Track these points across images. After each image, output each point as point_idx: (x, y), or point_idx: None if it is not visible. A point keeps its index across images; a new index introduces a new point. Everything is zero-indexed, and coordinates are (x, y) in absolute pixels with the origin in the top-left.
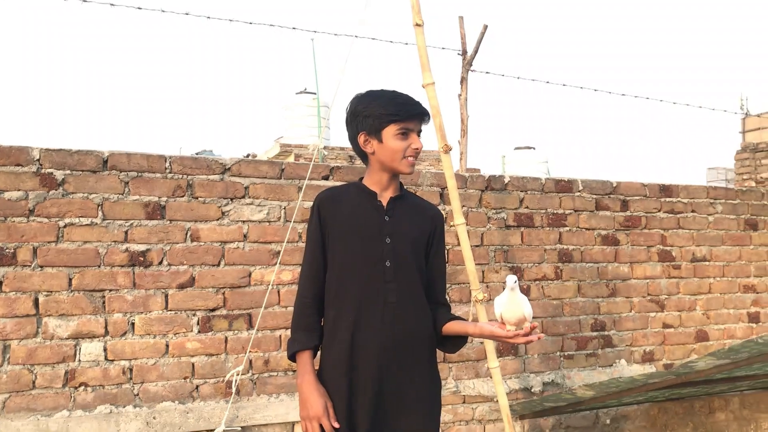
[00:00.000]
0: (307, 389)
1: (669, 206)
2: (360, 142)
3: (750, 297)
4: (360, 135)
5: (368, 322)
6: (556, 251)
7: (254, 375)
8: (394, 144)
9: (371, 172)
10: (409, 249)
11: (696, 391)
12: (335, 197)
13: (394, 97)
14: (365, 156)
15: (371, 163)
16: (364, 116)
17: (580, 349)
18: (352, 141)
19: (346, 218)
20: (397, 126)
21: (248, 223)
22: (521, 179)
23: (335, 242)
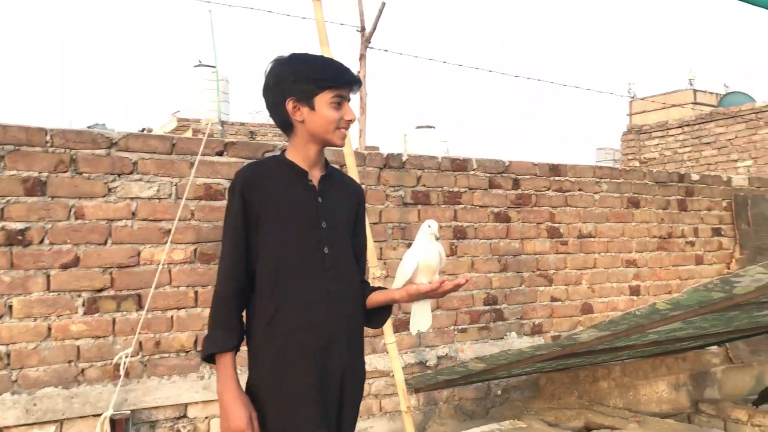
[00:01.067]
0: (229, 398)
1: (558, 185)
2: (288, 110)
3: (631, 271)
4: (288, 101)
5: (312, 315)
6: (452, 228)
7: (144, 357)
8: (329, 113)
9: (297, 145)
10: (344, 232)
11: (581, 361)
12: (261, 176)
13: (327, 62)
14: (289, 126)
15: (298, 135)
16: (293, 80)
17: (473, 322)
18: (275, 108)
19: (277, 201)
20: (332, 93)
21: (137, 200)
22: (419, 158)
23: (267, 229)
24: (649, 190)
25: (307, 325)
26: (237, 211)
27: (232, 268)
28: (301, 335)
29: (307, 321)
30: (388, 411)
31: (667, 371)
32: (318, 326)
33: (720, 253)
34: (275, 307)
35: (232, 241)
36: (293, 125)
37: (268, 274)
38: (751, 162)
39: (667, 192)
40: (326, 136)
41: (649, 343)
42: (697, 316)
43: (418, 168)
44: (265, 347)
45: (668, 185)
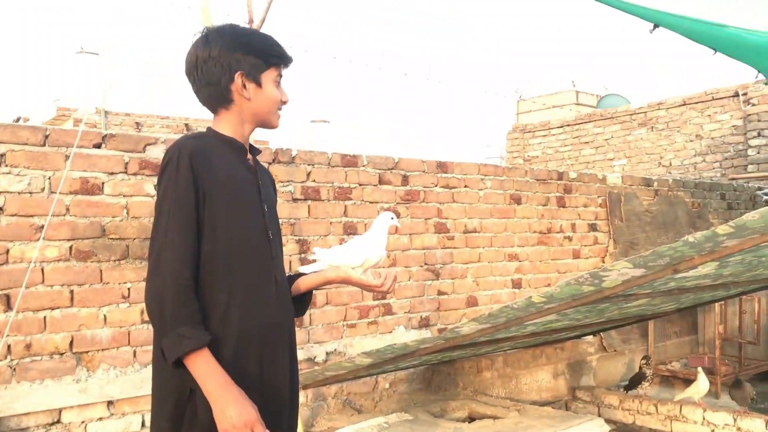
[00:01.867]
0: (230, 393)
1: (445, 181)
2: (234, 85)
3: (514, 265)
4: (237, 75)
5: (264, 306)
6: (342, 224)
7: (13, 361)
8: (273, 92)
9: (232, 123)
10: (277, 219)
11: (465, 353)
12: (205, 150)
13: (272, 38)
14: (225, 102)
15: (234, 112)
16: (244, 53)
17: (362, 317)
18: (214, 81)
19: (224, 179)
20: (277, 71)
21: (5, 194)
22: (309, 153)
23: (215, 209)
24: (531, 187)
25: (262, 318)
26: (186, 186)
27: (185, 251)
28: (259, 329)
29: (263, 313)
30: None
31: (546, 361)
32: (273, 317)
33: (595, 248)
34: (227, 298)
35: (184, 219)
36: (230, 101)
37: (218, 261)
38: (626, 161)
39: (547, 189)
40: (268, 117)
41: (528, 334)
42: (570, 309)
43: (308, 163)
44: (219, 342)
45: (548, 182)
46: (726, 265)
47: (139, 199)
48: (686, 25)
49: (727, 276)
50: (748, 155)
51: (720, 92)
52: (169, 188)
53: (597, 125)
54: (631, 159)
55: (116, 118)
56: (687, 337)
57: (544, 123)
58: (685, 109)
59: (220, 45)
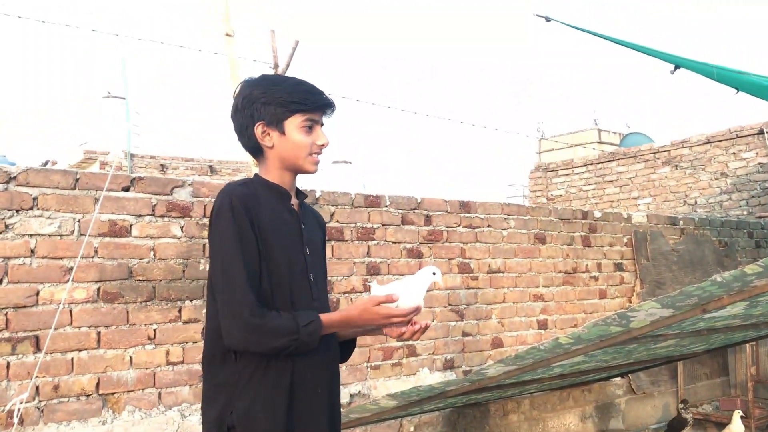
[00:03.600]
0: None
1: (468, 221)
2: (256, 134)
3: (539, 305)
4: (258, 125)
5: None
6: (365, 264)
7: (41, 402)
8: (299, 138)
9: (270, 170)
10: (322, 261)
11: (491, 396)
12: (251, 195)
13: (299, 84)
14: (259, 151)
15: (268, 160)
16: (263, 103)
17: (386, 359)
18: (243, 133)
19: (268, 223)
20: (303, 117)
21: (36, 236)
22: (332, 194)
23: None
24: (555, 226)
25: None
26: (245, 227)
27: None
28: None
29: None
30: None
31: (573, 403)
32: (319, 361)
33: (622, 288)
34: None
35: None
36: (260, 150)
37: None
38: (651, 199)
39: (572, 228)
40: (297, 162)
41: (555, 376)
42: (598, 350)
43: (331, 204)
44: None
45: (573, 222)
46: (756, 304)
47: (166, 240)
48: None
49: (758, 316)
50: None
51: (744, 130)
52: (228, 230)
53: (620, 164)
54: (656, 198)
55: (142, 161)
56: (718, 378)
57: (567, 162)
58: (709, 147)
59: (244, 97)
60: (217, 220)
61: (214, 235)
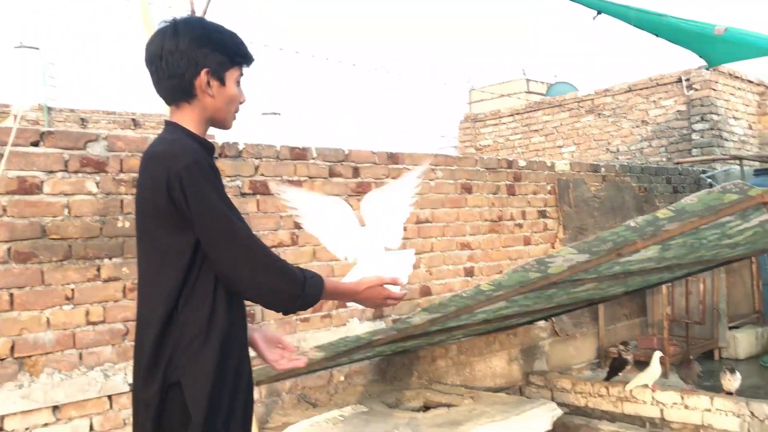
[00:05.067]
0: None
1: (396, 173)
2: (198, 80)
3: (466, 253)
4: (203, 71)
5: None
6: (291, 218)
7: None
8: (234, 92)
9: (193, 122)
10: None
11: (419, 343)
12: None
13: (235, 35)
14: (188, 99)
15: (196, 111)
16: (212, 50)
17: (315, 311)
18: (178, 75)
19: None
20: (239, 70)
21: None
22: (256, 146)
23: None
24: (481, 176)
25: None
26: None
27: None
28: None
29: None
30: None
31: (500, 347)
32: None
33: (545, 234)
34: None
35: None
36: (192, 97)
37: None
38: (575, 147)
39: (497, 177)
40: (226, 117)
41: (480, 322)
42: (519, 295)
43: (255, 157)
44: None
45: (498, 171)
46: (668, 248)
47: (81, 197)
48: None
49: (670, 258)
50: (692, 139)
51: (664, 78)
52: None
53: (546, 113)
54: (580, 146)
55: (60, 114)
56: (637, 319)
57: (494, 112)
58: (631, 95)
59: (189, 38)
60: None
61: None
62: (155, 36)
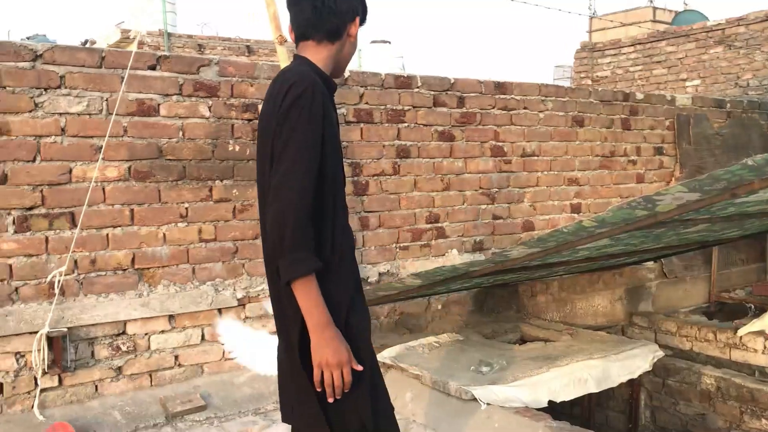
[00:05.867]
0: (329, 331)
1: (503, 103)
2: (352, 27)
3: (573, 189)
4: (357, 18)
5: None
6: (395, 147)
7: (80, 275)
8: (356, 43)
9: (325, 61)
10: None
11: (518, 277)
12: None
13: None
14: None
15: (332, 53)
16: (360, 1)
17: (414, 240)
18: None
19: (334, 122)
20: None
21: (66, 115)
22: (361, 74)
23: (326, 149)
24: (594, 108)
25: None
26: (318, 125)
27: (309, 184)
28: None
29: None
30: None
31: (603, 286)
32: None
33: (661, 172)
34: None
35: (313, 155)
36: (338, 38)
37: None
38: (699, 81)
39: (612, 111)
40: (346, 65)
41: (582, 259)
42: (623, 233)
43: (360, 85)
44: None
45: (613, 104)
46: None
47: (194, 120)
48: None
49: None
50: None
51: None
52: (301, 122)
53: (670, 43)
54: (706, 79)
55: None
56: (754, 264)
57: (614, 41)
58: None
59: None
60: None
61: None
62: None
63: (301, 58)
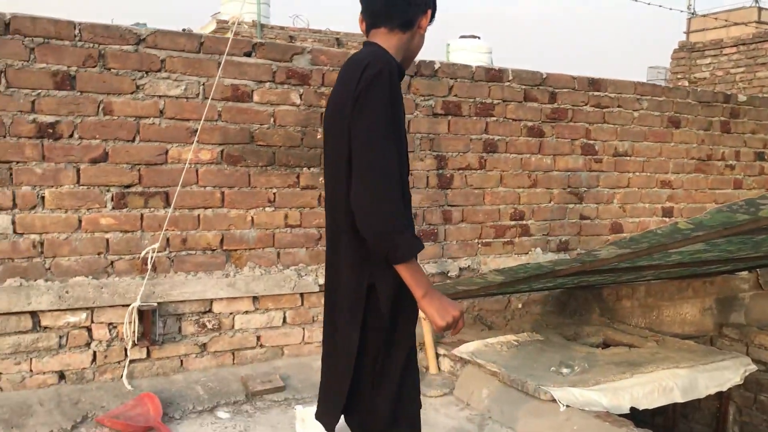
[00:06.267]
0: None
1: (596, 100)
2: (422, 19)
3: (666, 192)
4: (429, 11)
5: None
6: (482, 141)
7: (172, 253)
8: (424, 37)
9: (398, 48)
10: None
11: (603, 279)
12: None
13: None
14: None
15: (402, 42)
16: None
17: (498, 237)
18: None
19: (404, 107)
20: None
21: (165, 98)
22: (452, 66)
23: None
24: (692, 109)
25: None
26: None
27: (397, 169)
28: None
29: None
30: None
31: (693, 294)
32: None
33: (761, 179)
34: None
35: (395, 144)
36: (409, 28)
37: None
38: None
39: (711, 112)
40: (414, 58)
41: (673, 264)
42: (721, 238)
43: (450, 77)
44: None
45: (712, 105)
46: None
47: (285, 108)
48: None
49: None
50: None
51: None
52: (382, 103)
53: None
54: None
55: (272, 31)
56: None
57: (715, 41)
58: None
59: None
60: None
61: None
62: None
63: (372, 44)
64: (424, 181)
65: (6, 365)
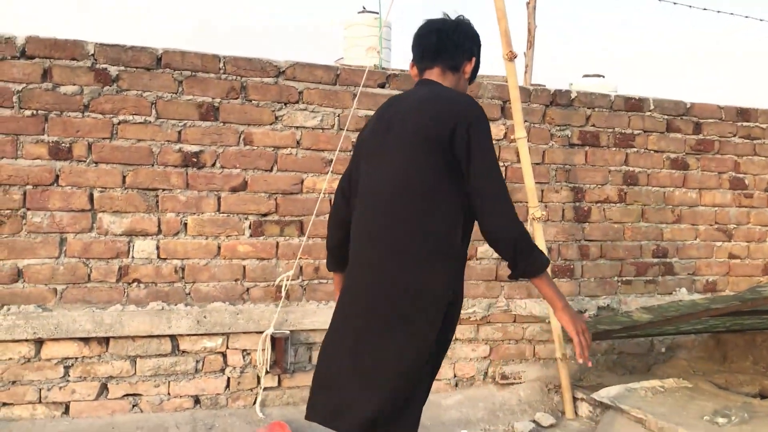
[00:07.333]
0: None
1: (745, 131)
2: (467, 64)
3: None
4: (473, 59)
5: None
6: (621, 173)
7: (304, 281)
8: (467, 83)
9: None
10: None
11: (760, 323)
12: None
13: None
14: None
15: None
16: (479, 48)
17: (639, 275)
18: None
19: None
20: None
21: (301, 129)
22: (589, 95)
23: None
24: None
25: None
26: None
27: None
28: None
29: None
30: (542, 357)
31: None
32: None
33: None
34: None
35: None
36: (456, 71)
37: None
38: None
39: None
40: None
41: None
42: None
43: (587, 106)
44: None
45: None
46: None
47: None
48: None
49: None
50: None
51: None
52: (488, 141)
53: None
54: None
55: None
56: None
57: None
58: None
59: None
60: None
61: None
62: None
63: (432, 82)
64: (559, 213)
65: (146, 387)
